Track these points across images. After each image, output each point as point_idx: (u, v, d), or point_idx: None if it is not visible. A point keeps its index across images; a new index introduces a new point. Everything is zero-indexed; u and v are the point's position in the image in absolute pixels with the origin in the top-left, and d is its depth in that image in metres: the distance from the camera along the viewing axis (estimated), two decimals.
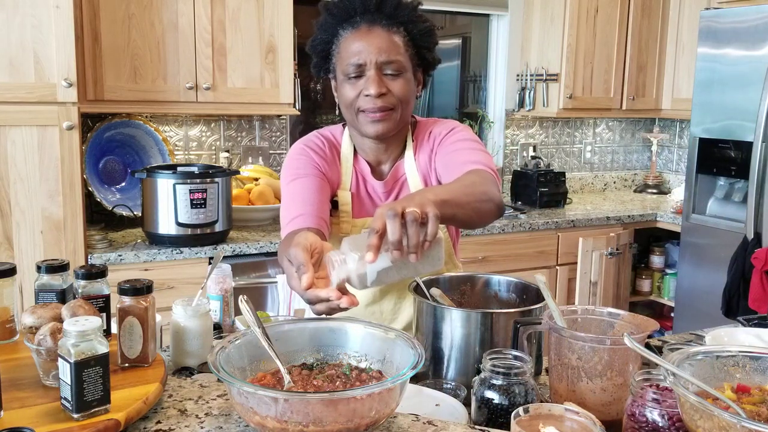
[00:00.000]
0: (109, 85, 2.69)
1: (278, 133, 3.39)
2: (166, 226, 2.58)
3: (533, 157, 3.91)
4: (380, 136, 1.45)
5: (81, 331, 0.93)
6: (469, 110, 4.08)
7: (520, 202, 3.75)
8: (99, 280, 1.20)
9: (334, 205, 1.52)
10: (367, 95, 1.40)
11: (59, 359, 0.94)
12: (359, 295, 1.51)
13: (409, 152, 1.54)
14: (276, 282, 2.69)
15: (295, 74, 3.02)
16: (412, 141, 1.55)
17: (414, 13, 1.44)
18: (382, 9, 1.41)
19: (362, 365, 1.08)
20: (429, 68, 1.52)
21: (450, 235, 1.59)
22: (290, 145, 3.39)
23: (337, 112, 1.51)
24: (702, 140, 3.28)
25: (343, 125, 1.58)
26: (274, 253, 2.73)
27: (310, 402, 0.88)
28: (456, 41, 4.33)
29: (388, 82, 1.40)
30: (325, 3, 1.47)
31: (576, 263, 3.31)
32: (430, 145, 1.53)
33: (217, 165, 3.03)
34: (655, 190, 4.26)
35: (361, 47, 1.39)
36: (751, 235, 2.95)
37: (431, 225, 0.99)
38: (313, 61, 1.51)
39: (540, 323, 1.18)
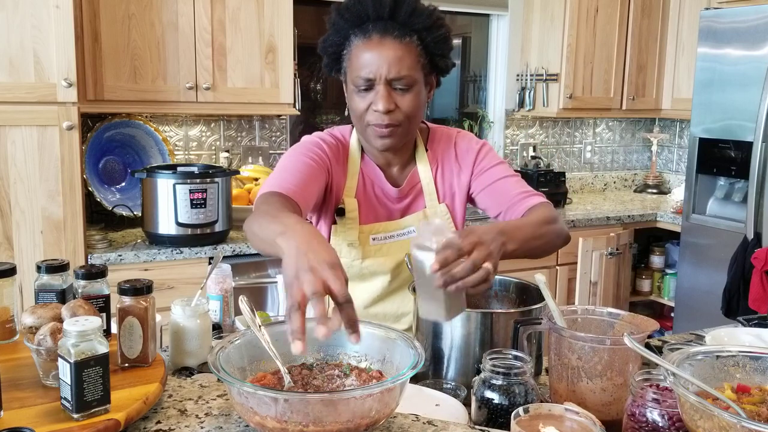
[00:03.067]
0: (109, 85, 2.69)
1: (278, 133, 3.39)
2: (166, 226, 2.58)
3: (533, 157, 3.91)
4: (388, 149, 1.46)
5: (81, 331, 0.93)
6: (469, 110, 4.09)
7: None
8: (99, 280, 1.20)
9: (340, 212, 1.50)
10: (375, 110, 1.37)
11: (59, 359, 0.94)
12: (362, 297, 1.54)
13: (422, 160, 1.54)
14: (276, 282, 2.69)
15: (295, 74, 3.02)
16: (425, 149, 1.55)
17: (429, 21, 1.38)
18: (396, 17, 1.36)
19: (362, 365, 1.08)
20: (443, 73, 1.49)
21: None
22: (290, 146, 3.40)
23: (346, 113, 1.49)
24: (702, 140, 3.28)
25: (352, 126, 1.56)
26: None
27: (310, 402, 0.88)
28: (456, 41, 4.33)
29: (397, 97, 1.37)
30: (337, 4, 1.42)
31: (576, 263, 3.30)
32: (458, 163, 1.53)
33: (217, 165, 3.03)
34: (655, 190, 4.26)
35: (371, 60, 1.35)
36: (751, 235, 2.95)
37: (479, 277, 1.02)
38: (325, 61, 1.48)
39: (540, 323, 1.18)
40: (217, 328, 1.41)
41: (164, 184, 2.54)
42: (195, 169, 2.66)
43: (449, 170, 1.55)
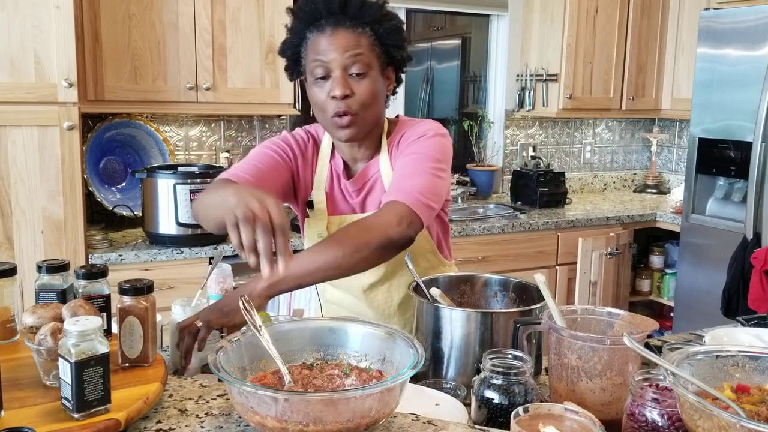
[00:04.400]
0: (110, 85, 2.69)
1: (278, 133, 3.38)
2: (166, 226, 2.58)
3: (533, 157, 3.91)
4: (349, 140, 1.47)
5: (81, 331, 0.93)
6: (469, 110, 4.09)
7: (519, 202, 3.75)
8: (99, 280, 1.20)
9: (310, 204, 1.56)
10: (333, 97, 1.40)
11: (60, 359, 0.94)
12: (347, 300, 1.59)
13: (384, 153, 1.54)
14: None
15: None
16: (387, 141, 1.55)
17: (379, 13, 1.43)
18: (347, 10, 1.41)
19: (362, 365, 1.09)
20: (401, 65, 1.51)
21: (432, 234, 1.58)
22: None
23: (311, 113, 1.52)
24: (702, 140, 3.28)
25: None
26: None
27: (311, 402, 0.88)
28: (456, 41, 4.33)
29: (353, 83, 1.40)
30: (291, 7, 1.48)
31: (576, 263, 3.31)
32: (399, 149, 1.52)
33: (217, 165, 3.03)
34: (654, 190, 4.26)
35: (326, 48, 1.40)
36: (750, 235, 2.95)
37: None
38: (285, 65, 1.52)
39: (540, 323, 1.18)
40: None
41: (165, 184, 2.54)
42: (195, 169, 2.67)
43: (394, 163, 1.54)
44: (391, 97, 1.54)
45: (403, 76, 1.55)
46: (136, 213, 2.86)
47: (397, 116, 1.61)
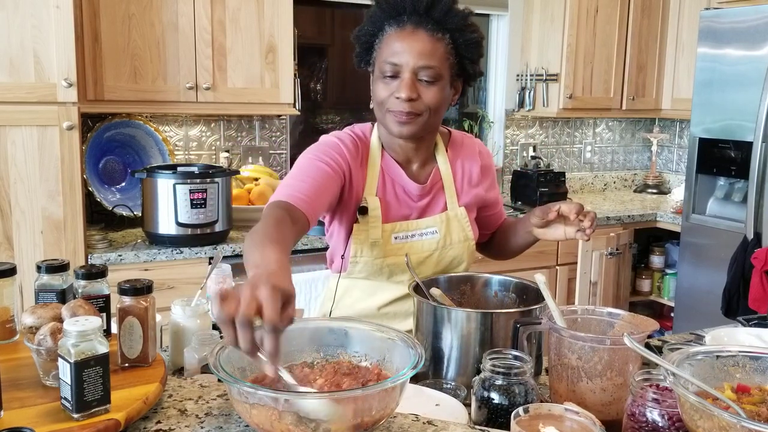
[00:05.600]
0: (109, 85, 2.69)
1: (278, 133, 3.39)
2: (166, 226, 2.58)
3: (533, 157, 3.91)
4: (405, 136, 1.45)
5: (81, 331, 0.93)
6: (469, 110, 4.08)
7: (520, 202, 3.75)
8: (99, 280, 1.20)
9: (363, 210, 1.49)
10: (397, 97, 1.39)
11: (59, 359, 0.94)
12: (383, 297, 1.57)
13: (443, 160, 1.56)
14: None
15: (295, 74, 3.02)
16: (446, 149, 1.57)
17: (463, 22, 1.42)
18: (431, 13, 1.40)
19: (362, 365, 1.08)
20: (470, 79, 1.50)
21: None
22: (290, 146, 3.41)
23: (371, 105, 1.49)
24: (702, 140, 3.28)
25: (372, 123, 1.56)
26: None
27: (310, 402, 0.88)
28: None
29: (421, 88, 1.39)
30: None
31: (576, 263, 3.30)
32: (482, 175, 1.61)
33: (217, 165, 3.03)
34: (655, 190, 4.26)
35: (401, 48, 1.38)
36: (750, 235, 2.95)
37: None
38: (356, 51, 1.50)
39: (540, 323, 1.18)
40: (217, 328, 1.41)
41: (164, 184, 2.54)
42: (195, 169, 2.66)
43: (474, 178, 1.59)
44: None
45: (468, 89, 1.54)
46: (135, 213, 2.86)
47: (447, 129, 1.63)
